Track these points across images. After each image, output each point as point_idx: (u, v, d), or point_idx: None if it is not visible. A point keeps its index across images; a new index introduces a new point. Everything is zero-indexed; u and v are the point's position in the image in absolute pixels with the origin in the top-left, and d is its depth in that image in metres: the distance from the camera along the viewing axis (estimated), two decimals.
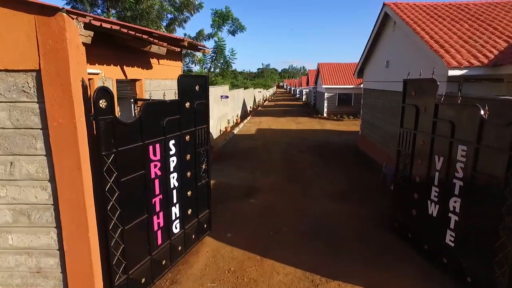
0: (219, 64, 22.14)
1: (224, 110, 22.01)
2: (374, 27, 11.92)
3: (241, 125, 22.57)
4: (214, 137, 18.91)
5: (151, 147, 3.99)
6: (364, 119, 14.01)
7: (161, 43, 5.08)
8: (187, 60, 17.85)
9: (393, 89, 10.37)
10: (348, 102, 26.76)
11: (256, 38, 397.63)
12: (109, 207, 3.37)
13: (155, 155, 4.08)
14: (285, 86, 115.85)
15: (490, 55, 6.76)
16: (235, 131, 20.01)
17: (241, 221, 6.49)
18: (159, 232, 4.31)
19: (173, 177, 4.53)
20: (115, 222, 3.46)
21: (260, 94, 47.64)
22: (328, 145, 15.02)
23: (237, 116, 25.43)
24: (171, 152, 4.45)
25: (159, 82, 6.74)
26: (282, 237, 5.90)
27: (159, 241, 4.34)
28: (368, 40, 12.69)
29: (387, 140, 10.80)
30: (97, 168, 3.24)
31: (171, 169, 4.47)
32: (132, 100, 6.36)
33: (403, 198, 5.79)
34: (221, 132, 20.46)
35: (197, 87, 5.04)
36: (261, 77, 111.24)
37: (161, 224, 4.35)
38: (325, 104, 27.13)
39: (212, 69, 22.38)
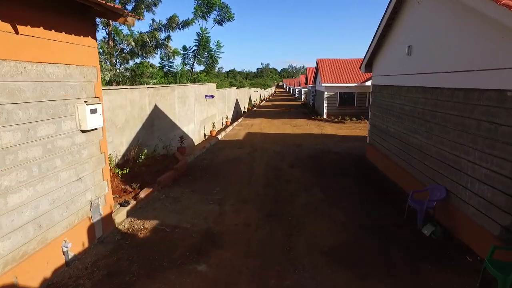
0: (203, 59, 19.08)
1: (210, 111, 18.93)
2: (390, 3, 8.77)
3: (229, 128, 19.47)
4: (196, 143, 15.86)
5: None
6: (373, 124, 10.87)
7: None
8: (159, 52, 14.72)
9: (420, 84, 7.22)
10: (350, 102, 23.58)
11: (256, 38, 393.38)
12: None
13: None
14: (284, 86, 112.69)
15: None
16: (220, 136, 16.91)
17: None
18: None
19: None
20: None
21: (256, 94, 44.54)
22: (328, 156, 11.88)
23: (226, 118, 22.37)
24: None
25: (23, 67, 3.64)
26: None
27: None
28: (380, 23, 9.53)
29: (409, 155, 7.65)
30: None
31: None
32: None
33: None
34: (206, 137, 17.40)
35: None
36: (260, 77, 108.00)
37: None
38: (325, 105, 23.97)
39: (194, 64, 19.32)
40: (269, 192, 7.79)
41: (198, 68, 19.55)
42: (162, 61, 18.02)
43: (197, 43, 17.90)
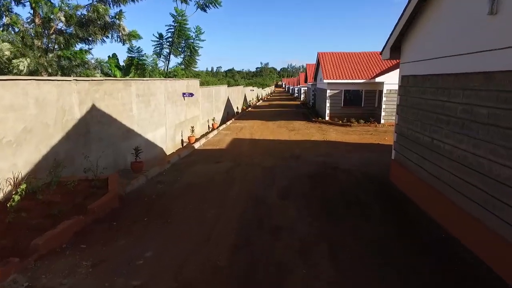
0: (180, 49, 15.42)
1: (191, 112, 15.37)
2: None
3: (213, 133, 15.90)
4: (168, 153, 12.31)
5: None
6: (402, 133, 7.27)
7: None
8: (112, 36, 11.05)
9: None
10: (356, 102, 19.96)
11: (255, 37, 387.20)
12: None
13: None
14: (283, 86, 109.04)
15: None
16: (199, 143, 13.34)
17: None
18: None
19: None
20: None
21: (252, 93, 40.94)
22: (335, 176, 8.30)
23: (213, 120, 18.79)
24: None
25: None
26: None
27: None
28: None
29: (498, 200, 4.03)
30: None
31: None
32: None
33: None
34: (184, 144, 13.85)
35: None
36: (259, 76, 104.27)
37: None
38: (327, 105, 20.35)
39: (169, 55, 15.61)
40: (239, 261, 4.20)
41: (175, 60, 15.93)
42: (132, 53, 14.43)
43: (171, 29, 14.28)
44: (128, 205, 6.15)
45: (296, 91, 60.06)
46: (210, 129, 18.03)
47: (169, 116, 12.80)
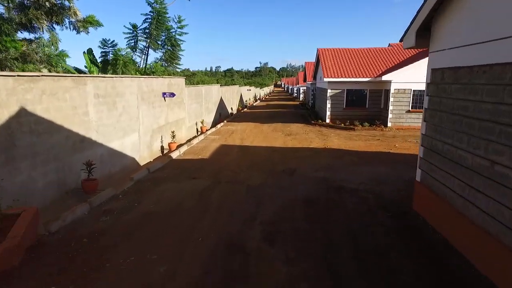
0: (159, 43, 13.34)
1: (174, 115, 13.38)
2: None
3: (199, 138, 13.83)
4: (142, 163, 10.33)
5: None
6: (435, 149, 5.21)
7: None
8: (63, 23, 8.94)
9: None
10: (360, 103, 17.89)
11: (255, 37, 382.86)
12: None
13: None
14: (282, 85, 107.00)
15: None
16: (179, 152, 11.28)
17: None
18: None
19: None
20: None
21: (249, 93, 38.87)
22: (340, 202, 6.24)
23: (202, 122, 16.77)
24: None
25: None
26: None
27: None
28: None
29: None
30: None
31: None
32: None
33: None
34: (164, 152, 11.86)
35: None
36: (258, 76, 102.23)
37: None
38: (328, 106, 18.28)
39: (147, 49, 13.51)
40: None
41: (155, 56, 13.86)
42: (105, 48, 12.41)
43: (149, 18, 12.24)
44: (38, 259, 4.11)
45: (295, 91, 58.04)
46: (199, 133, 16.02)
47: (144, 120, 10.79)
